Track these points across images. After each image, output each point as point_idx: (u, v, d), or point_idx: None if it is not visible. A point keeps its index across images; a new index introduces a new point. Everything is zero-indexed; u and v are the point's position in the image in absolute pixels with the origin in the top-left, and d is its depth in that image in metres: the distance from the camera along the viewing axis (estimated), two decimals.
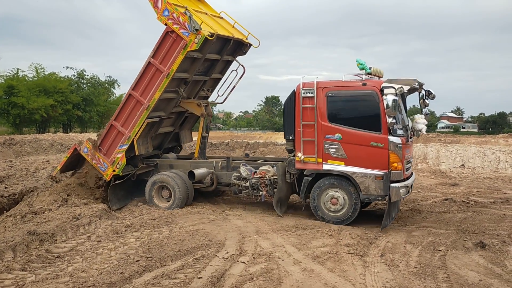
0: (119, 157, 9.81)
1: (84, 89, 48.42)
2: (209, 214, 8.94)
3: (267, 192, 9.16)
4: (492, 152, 20.23)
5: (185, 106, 10.68)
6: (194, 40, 8.92)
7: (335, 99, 8.41)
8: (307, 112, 8.55)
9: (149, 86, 9.50)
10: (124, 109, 9.87)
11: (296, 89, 8.70)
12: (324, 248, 6.78)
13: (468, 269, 5.99)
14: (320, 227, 8.07)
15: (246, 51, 10.95)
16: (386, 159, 7.95)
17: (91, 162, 10.15)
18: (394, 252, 6.69)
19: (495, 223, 8.69)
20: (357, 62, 8.55)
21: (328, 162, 8.44)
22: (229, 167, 9.95)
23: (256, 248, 6.71)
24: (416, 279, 5.63)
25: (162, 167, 10.56)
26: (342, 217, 8.38)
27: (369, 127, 8.10)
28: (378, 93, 7.93)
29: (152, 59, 9.44)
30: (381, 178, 8.00)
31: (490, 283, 5.47)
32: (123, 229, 7.67)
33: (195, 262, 6.03)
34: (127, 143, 9.77)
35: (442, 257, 6.51)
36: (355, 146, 8.22)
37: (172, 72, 9.23)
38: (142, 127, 9.66)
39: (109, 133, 10.06)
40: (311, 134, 8.51)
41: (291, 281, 5.42)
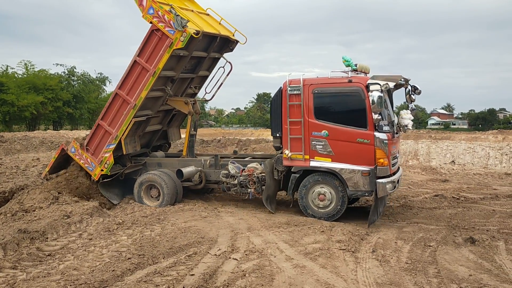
0: (106, 156, 9.73)
1: (74, 86, 48.10)
2: (201, 211, 8.93)
3: (255, 190, 9.17)
4: (482, 149, 20.44)
5: (172, 104, 10.59)
6: (179, 38, 8.84)
7: (322, 96, 8.45)
8: (294, 109, 8.55)
9: (135, 85, 9.42)
10: (110, 109, 9.80)
11: (282, 86, 8.71)
12: (316, 245, 6.81)
13: (458, 264, 6.05)
14: (312, 223, 8.09)
15: (233, 48, 10.87)
16: (372, 155, 8.01)
17: (79, 162, 10.07)
18: (385, 248, 6.74)
19: (484, 218, 8.78)
20: (343, 59, 8.55)
21: (315, 158, 8.47)
22: (217, 164, 9.93)
23: (248, 245, 6.72)
24: (407, 274, 5.68)
25: (150, 165, 10.50)
26: (331, 212, 8.42)
27: (355, 124, 8.16)
28: (363, 90, 7.98)
29: (138, 57, 9.35)
30: (368, 174, 8.06)
31: (480, 278, 5.53)
32: (115, 226, 7.64)
33: (187, 259, 6.03)
34: (115, 143, 9.71)
35: (433, 253, 6.56)
36: (342, 143, 8.27)
37: (158, 71, 9.16)
38: (129, 126, 9.59)
39: (96, 133, 9.99)
40: (298, 131, 8.53)
41: (283, 277, 5.44)
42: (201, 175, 9.98)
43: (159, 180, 9.67)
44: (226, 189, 9.67)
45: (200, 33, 9.12)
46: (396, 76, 8.23)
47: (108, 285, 5.18)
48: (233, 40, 10.66)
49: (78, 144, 10.11)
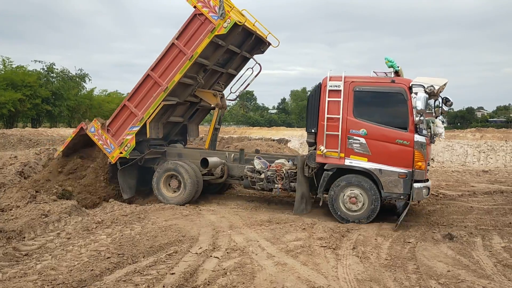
0: (128, 139, 9.58)
1: (53, 83, 47.25)
2: (183, 209, 8.86)
3: (282, 185, 9.02)
4: (460, 146, 20.81)
5: (201, 95, 10.51)
6: (223, 24, 8.85)
7: (362, 94, 8.28)
8: (332, 106, 8.36)
9: (169, 68, 9.37)
10: (139, 90, 9.64)
11: (322, 82, 8.55)
12: (297, 242, 6.83)
13: (437, 260, 6.14)
14: (294, 221, 8.11)
15: (264, 50, 10.83)
16: (410, 158, 7.85)
17: (97, 142, 9.85)
18: (366, 245, 6.79)
19: (462, 215, 8.93)
20: (386, 59, 8.45)
21: (350, 157, 8.26)
22: (242, 159, 9.77)
23: (229, 243, 6.70)
24: (386, 270, 5.73)
25: (170, 155, 10.32)
26: (359, 217, 8.18)
27: (396, 124, 8.03)
28: (406, 91, 7.87)
29: (177, 40, 9.31)
30: (405, 176, 7.90)
31: (458, 273, 5.61)
32: (94, 225, 7.53)
33: (167, 258, 5.97)
34: (139, 125, 9.55)
35: (412, 249, 6.64)
36: (380, 143, 8.09)
37: (195, 55, 9.12)
38: (157, 109, 9.48)
39: (120, 114, 9.83)
40: (335, 128, 8.32)
41: (264, 275, 5.43)
42: (224, 169, 9.76)
43: (181, 170, 9.45)
44: (251, 184, 9.42)
45: (244, 22, 9.19)
46: (441, 80, 8.09)
47: (86, 285, 5.10)
48: (266, 41, 10.61)
49: (99, 123, 9.88)
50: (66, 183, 10.33)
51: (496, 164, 19.56)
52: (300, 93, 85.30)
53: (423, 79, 7.99)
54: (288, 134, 43.07)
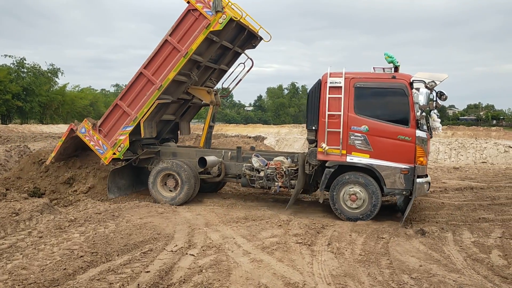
0: (121, 139, 9.36)
1: (24, 78, 46.09)
2: (158, 207, 8.78)
3: (282, 183, 8.94)
4: (432, 144, 21.26)
5: (194, 92, 10.36)
6: (218, 20, 8.69)
7: (363, 91, 8.23)
8: (333, 102, 8.28)
9: (163, 65, 9.16)
10: (132, 89, 9.41)
11: (322, 78, 8.46)
12: (273, 239, 6.86)
13: (409, 255, 6.27)
14: (270, 218, 8.14)
15: (255, 44, 10.69)
16: (412, 153, 7.88)
17: (89, 143, 9.57)
18: (340, 241, 6.88)
19: (434, 211, 9.13)
20: (385, 55, 8.38)
21: (352, 154, 8.22)
22: (239, 157, 9.64)
23: (205, 240, 6.68)
24: (360, 266, 5.82)
25: (164, 154, 10.15)
26: (359, 214, 8.18)
27: (397, 120, 8.03)
28: (407, 86, 7.88)
29: (170, 37, 9.09)
30: (407, 172, 7.92)
31: (430, 268, 5.74)
32: (67, 224, 7.38)
33: (142, 256, 5.91)
34: (132, 125, 9.34)
35: (385, 244, 6.76)
36: (382, 139, 8.07)
37: (190, 52, 8.95)
38: (152, 108, 9.29)
39: (112, 113, 9.55)
40: (336, 124, 8.25)
41: (240, 272, 5.43)
42: (221, 167, 9.64)
43: (179, 169, 9.28)
44: (249, 182, 9.32)
45: (240, 17, 9.07)
46: (441, 75, 8.05)
47: (59, 284, 5.00)
48: (258, 36, 10.45)
49: (90, 124, 9.59)
50: (38, 181, 10.11)
51: (466, 161, 20.09)
52: (276, 90, 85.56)
53: (424, 74, 8.00)
54: (265, 131, 43.20)
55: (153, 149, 10.18)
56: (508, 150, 20.39)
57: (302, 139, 31.92)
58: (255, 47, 10.77)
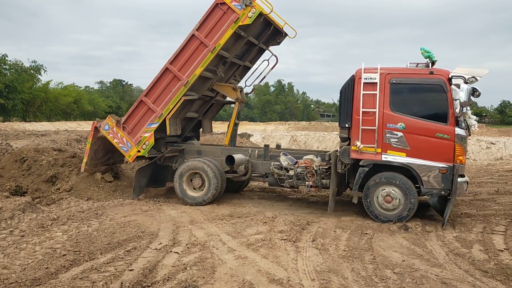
0: (146, 136, 9.18)
1: (6, 75, 45.29)
2: (142, 205, 8.73)
3: (313, 183, 8.66)
4: None
5: (219, 89, 10.13)
6: (247, 14, 8.52)
7: (399, 87, 7.92)
8: (367, 99, 7.96)
9: (189, 61, 8.95)
10: (157, 85, 9.22)
11: (355, 74, 8.14)
12: (258, 236, 6.87)
13: (393, 251, 6.33)
14: (255, 215, 8.15)
15: (280, 41, 10.41)
16: (451, 152, 7.56)
17: (112, 141, 9.38)
18: (325, 237, 6.92)
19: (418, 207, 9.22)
20: (422, 49, 8.08)
21: (388, 152, 7.88)
22: (266, 155, 9.45)
23: (190, 238, 6.66)
24: (344, 261, 5.86)
25: (189, 153, 9.95)
26: (395, 216, 7.83)
27: (435, 118, 7.71)
28: (446, 82, 7.57)
29: (197, 32, 8.90)
30: (446, 171, 7.59)
31: (412, 263, 5.81)
32: (49, 222, 7.29)
33: (126, 254, 5.87)
34: (158, 122, 9.15)
35: (369, 240, 6.82)
36: (419, 137, 7.74)
37: (218, 47, 8.75)
38: (178, 104, 9.07)
39: (137, 110, 9.36)
40: (370, 122, 7.92)
41: (225, 269, 5.43)
42: (247, 166, 9.43)
43: (206, 168, 9.06)
44: (278, 182, 9.04)
45: (271, 10, 8.85)
46: (481, 70, 7.80)
47: (41, 283, 4.94)
48: (283, 32, 10.18)
49: (114, 121, 9.38)
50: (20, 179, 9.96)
51: None
52: (263, 88, 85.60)
53: (463, 69, 7.76)
54: (251, 128, 43.22)
55: (178, 147, 9.98)
56: (490, 147, 20.72)
57: (288, 136, 32.01)
58: (280, 43, 10.47)
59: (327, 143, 24.12)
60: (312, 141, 25.84)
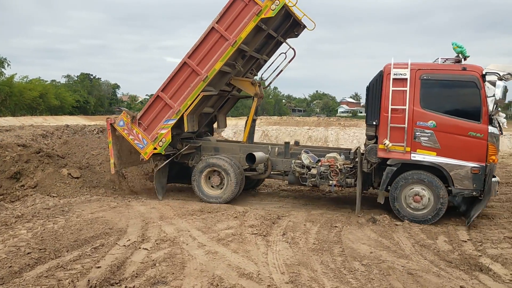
0: (163, 133, 8.84)
1: None
2: (110, 201, 8.58)
3: (337, 182, 8.37)
4: None
5: (237, 84, 9.84)
6: (270, 6, 8.17)
7: (430, 83, 7.61)
8: (397, 96, 7.65)
9: (209, 55, 8.60)
10: (175, 80, 8.86)
11: (384, 69, 7.85)
12: (228, 230, 6.86)
13: (361, 243, 6.43)
14: (226, 210, 8.14)
15: (298, 33, 10.04)
16: (484, 151, 7.29)
17: (127, 137, 9.04)
18: (295, 231, 6.97)
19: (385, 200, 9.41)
20: (453, 44, 7.84)
21: (417, 151, 7.60)
22: (287, 153, 9.16)
23: (159, 233, 6.58)
24: (314, 254, 5.92)
25: (205, 150, 9.67)
26: (421, 217, 7.60)
27: (468, 116, 7.42)
28: (479, 79, 7.29)
29: (217, 24, 8.54)
30: (478, 171, 7.32)
31: (380, 254, 5.92)
32: (13, 220, 7.07)
33: (93, 251, 5.75)
34: (175, 118, 8.82)
35: (338, 233, 6.91)
36: (451, 135, 7.46)
37: (239, 41, 8.41)
38: (196, 100, 8.73)
39: (153, 106, 9.00)
40: (400, 119, 7.62)
41: (194, 264, 5.40)
42: (267, 164, 9.14)
43: (226, 165, 8.82)
44: (300, 181, 8.75)
45: (295, 3, 8.48)
46: None
47: (4, 282, 4.78)
48: (302, 24, 9.79)
49: (129, 117, 9.02)
50: None
51: None
52: None
53: (497, 66, 7.55)
54: None
55: (195, 144, 9.69)
56: None
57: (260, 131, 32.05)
58: (298, 36, 10.11)
59: (298, 137, 24.30)
60: (283, 135, 25.97)
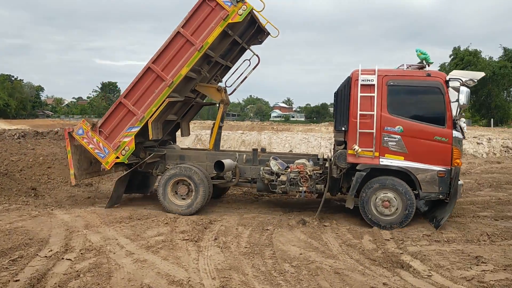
0: (126, 141, 8.42)
1: None
2: (31, 210, 8.09)
3: (307, 188, 8.28)
4: (315, 139, 22.62)
5: (203, 90, 9.52)
6: (237, 11, 7.97)
7: (397, 89, 7.71)
8: (365, 101, 7.69)
9: (174, 60, 8.32)
10: (138, 86, 8.47)
11: (352, 76, 7.87)
12: (159, 237, 6.70)
13: (291, 245, 6.56)
14: (156, 216, 7.95)
15: (262, 40, 9.95)
16: (449, 155, 7.48)
17: (87, 146, 8.53)
18: (227, 235, 6.96)
19: (316, 203, 9.67)
20: (418, 51, 7.99)
21: (385, 156, 7.66)
22: (255, 160, 8.92)
23: (84, 243, 6.29)
24: (245, 258, 5.94)
25: (170, 158, 9.22)
26: (393, 221, 7.61)
27: (433, 120, 7.60)
28: (443, 85, 7.48)
29: (182, 29, 8.25)
30: (444, 174, 7.50)
31: (309, 255, 6.07)
32: None
33: (11, 264, 5.37)
34: (139, 125, 8.42)
35: (270, 236, 7.00)
36: (417, 140, 7.58)
37: (206, 46, 8.17)
38: (162, 106, 8.37)
39: (115, 113, 8.56)
40: (368, 125, 7.66)
41: (122, 274, 5.21)
42: (235, 171, 8.86)
43: (194, 174, 8.43)
44: (270, 188, 8.56)
45: (263, 8, 8.24)
46: (478, 73, 7.77)
47: None
48: (266, 31, 9.63)
49: (89, 124, 8.55)
50: None
51: None
52: None
53: (459, 72, 7.77)
54: None
55: (159, 152, 9.28)
56: None
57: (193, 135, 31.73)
58: (262, 42, 10.06)
59: (231, 142, 24.39)
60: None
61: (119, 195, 9.10)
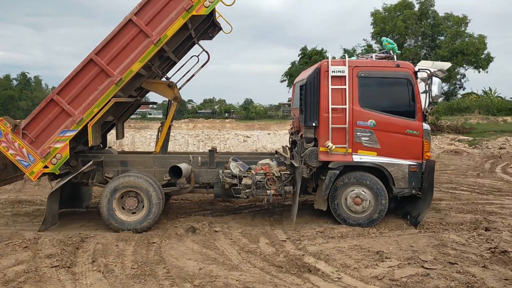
0: (58, 147, 7.02)
1: None
2: None
3: (275, 191, 7.40)
4: (182, 136, 21.83)
5: (151, 88, 8.32)
6: (203, 3, 6.96)
7: (367, 81, 7.30)
8: (335, 95, 7.22)
9: (123, 53, 7.03)
10: (76, 80, 7.06)
11: (320, 67, 7.31)
12: (18, 267, 5.38)
13: (186, 259, 5.79)
14: (10, 238, 6.49)
15: (213, 35, 9.05)
16: (420, 148, 7.32)
17: (5, 152, 7.07)
18: (107, 255, 5.90)
19: (198, 205, 9.04)
20: (385, 41, 7.70)
21: (358, 152, 7.26)
22: (212, 162, 7.84)
23: None
24: (135, 282, 5.02)
25: (109, 164, 7.78)
26: (365, 219, 7.31)
27: (404, 113, 7.33)
28: (412, 76, 7.25)
29: (135, 17, 6.96)
30: (416, 169, 7.32)
31: (210, 270, 5.38)
32: None
33: None
34: (75, 129, 7.05)
35: (158, 250, 6.14)
36: (390, 134, 7.28)
37: (164, 39, 7.02)
38: (106, 107, 7.06)
39: (44, 112, 7.09)
40: (339, 120, 7.20)
41: None
42: (190, 177, 7.70)
43: (145, 185, 7.19)
44: (233, 193, 7.58)
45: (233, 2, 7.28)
46: (444, 64, 7.74)
47: None
48: (218, 26, 8.76)
49: (9, 125, 7.01)
50: None
51: None
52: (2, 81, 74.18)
53: (427, 63, 7.68)
54: None
55: (98, 159, 7.76)
56: (246, 140, 22.61)
57: None
58: (212, 38, 9.15)
59: None
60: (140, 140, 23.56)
61: (54, 215, 7.49)
